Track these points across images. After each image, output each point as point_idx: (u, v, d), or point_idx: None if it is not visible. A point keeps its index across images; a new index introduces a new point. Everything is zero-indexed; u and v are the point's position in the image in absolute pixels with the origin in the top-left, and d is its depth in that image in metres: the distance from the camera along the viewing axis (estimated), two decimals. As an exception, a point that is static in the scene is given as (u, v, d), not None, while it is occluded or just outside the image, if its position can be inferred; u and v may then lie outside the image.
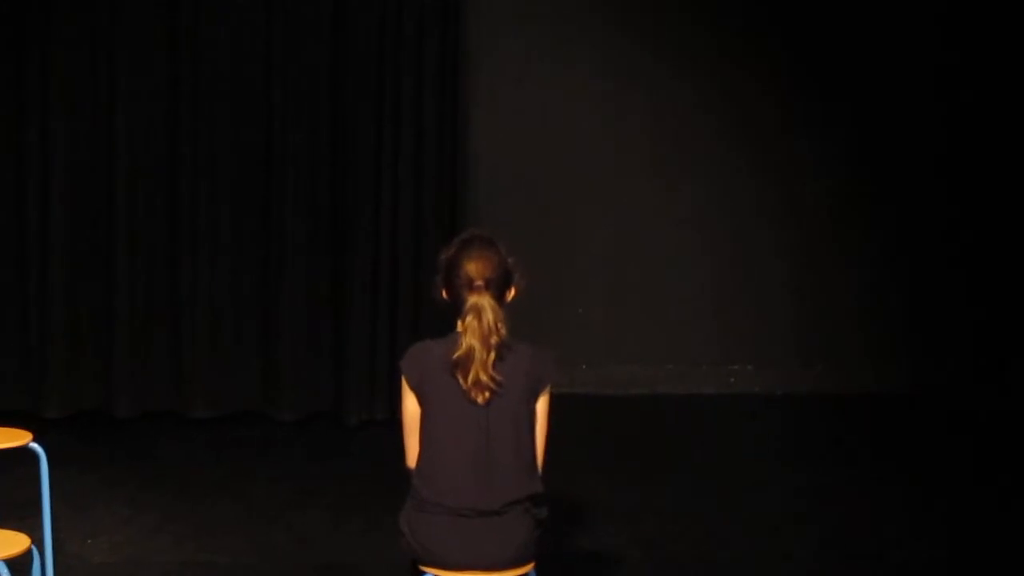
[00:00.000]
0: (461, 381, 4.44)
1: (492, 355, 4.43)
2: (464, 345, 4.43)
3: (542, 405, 4.54)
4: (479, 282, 4.47)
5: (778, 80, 9.83)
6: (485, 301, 4.46)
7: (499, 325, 4.45)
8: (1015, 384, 9.53)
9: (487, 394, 4.43)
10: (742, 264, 9.89)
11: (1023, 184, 9.77)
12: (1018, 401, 9.37)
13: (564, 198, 9.67)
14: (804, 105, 9.87)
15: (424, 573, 4.51)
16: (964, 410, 9.49)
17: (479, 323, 4.43)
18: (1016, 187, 9.78)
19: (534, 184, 9.62)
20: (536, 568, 4.60)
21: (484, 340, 4.42)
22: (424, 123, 8.95)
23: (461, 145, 9.18)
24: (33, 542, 4.99)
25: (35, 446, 5.65)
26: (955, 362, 9.86)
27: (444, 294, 4.58)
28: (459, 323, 4.50)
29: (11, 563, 4.78)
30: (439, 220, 8.98)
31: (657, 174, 9.79)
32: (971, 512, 7.40)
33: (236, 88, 8.87)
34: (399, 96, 8.92)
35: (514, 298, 4.61)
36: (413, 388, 4.53)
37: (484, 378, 4.42)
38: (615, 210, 9.75)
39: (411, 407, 4.55)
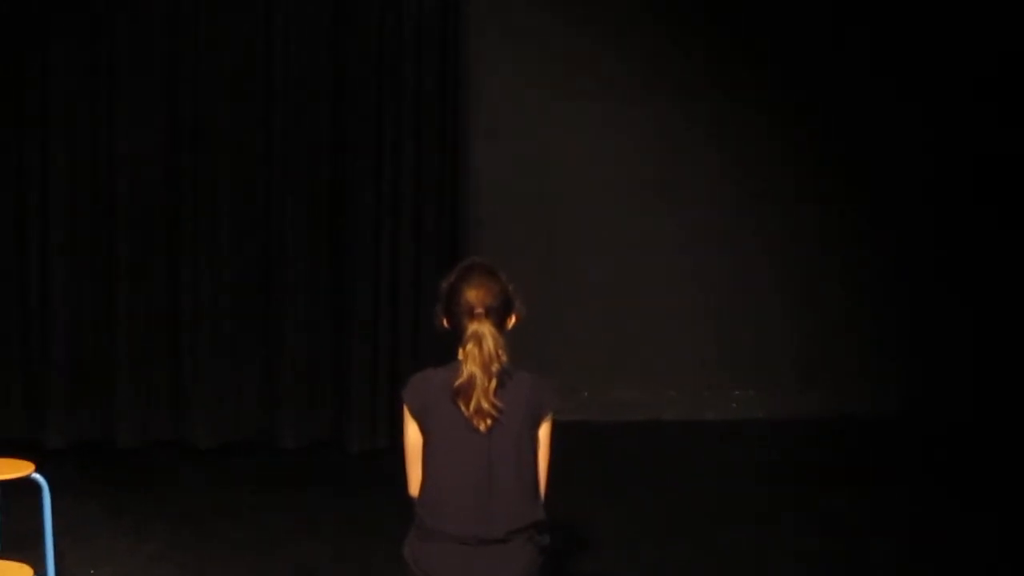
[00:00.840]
0: (463, 408, 4.44)
1: (493, 382, 4.43)
2: (465, 373, 4.44)
3: (544, 432, 4.54)
4: (479, 309, 4.48)
5: (778, 105, 9.84)
6: (485, 328, 4.46)
7: (500, 352, 4.46)
8: (1016, 403, 9.53)
9: (488, 421, 4.44)
10: (743, 289, 9.88)
11: (1019, 202, 9.81)
12: (1019, 420, 9.37)
13: (564, 223, 9.66)
14: (802, 129, 9.88)
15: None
16: (966, 431, 9.48)
17: (480, 351, 4.44)
18: (1013, 206, 9.81)
19: (534, 209, 9.61)
20: (539, 595, 4.59)
21: (485, 367, 4.43)
22: (423, 150, 8.96)
23: (461, 173, 9.20)
24: (36, 573, 4.98)
25: (37, 476, 5.64)
26: (956, 383, 9.86)
27: (444, 322, 4.58)
28: (460, 351, 4.50)
29: (14, 594, 4.78)
30: (439, 247, 8.99)
31: (658, 198, 9.79)
32: (974, 535, 7.39)
33: (235, 117, 8.88)
34: (399, 122, 8.93)
35: (514, 325, 4.62)
36: (415, 416, 4.53)
37: (485, 405, 4.42)
38: (615, 235, 9.75)
39: (413, 435, 4.55)
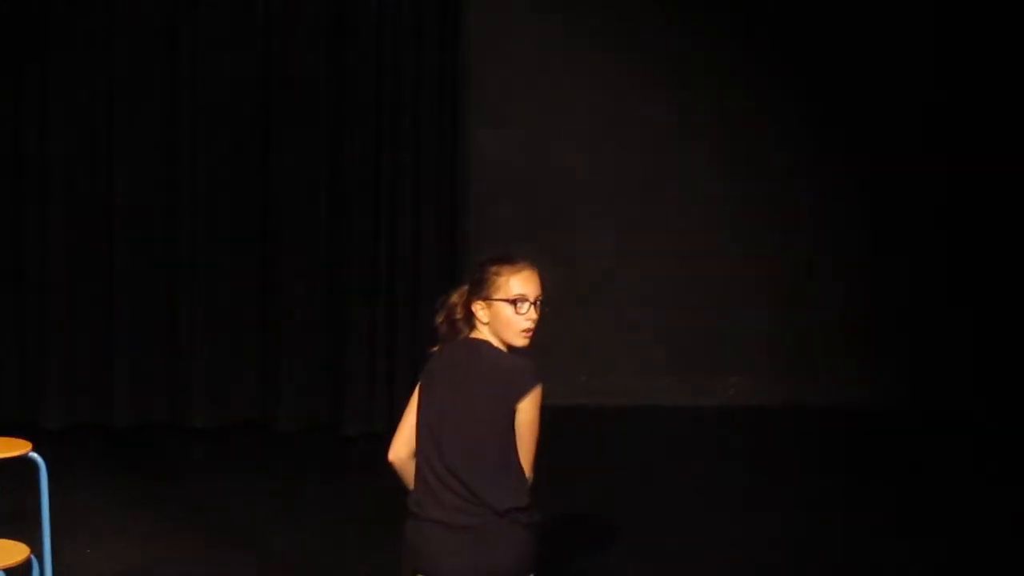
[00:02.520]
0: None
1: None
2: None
3: (522, 415, 4.39)
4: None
5: (777, 96, 9.86)
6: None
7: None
8: (1016, 398, 9.57)
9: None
10: (741, 277, 9.90)
11: (1015, 193, 9.83)
12: (1018, 414, 9.40)
13: (563, 212, 9.68)
14: (801, 119, 9.90)
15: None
16: (964, 420, 9.51)
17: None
18: (1008, 196, 9.84)
19: (534, 198, 9.63)
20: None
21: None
22: (423, 139, 8.96)
23: (460, 163, 9.20)
24: (32, 552, 4.98)
25: (35, 455, 5.64)
26: (953, 375, 9.88)
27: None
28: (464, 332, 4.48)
29: (10, 572, 4.77)
30: (437, 234, 8.99)
31: (656, 187, 9.81)
32: (973, 525, 7.42)
33: (235, 106, 8.88)
34: (398, 111, 8.93)
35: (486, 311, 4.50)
36: (419, 386, 4.51)
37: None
38: (613, 222, 9.77)
39: (413, 398, 4.51)
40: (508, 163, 9.59)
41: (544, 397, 4.40)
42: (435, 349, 4.55)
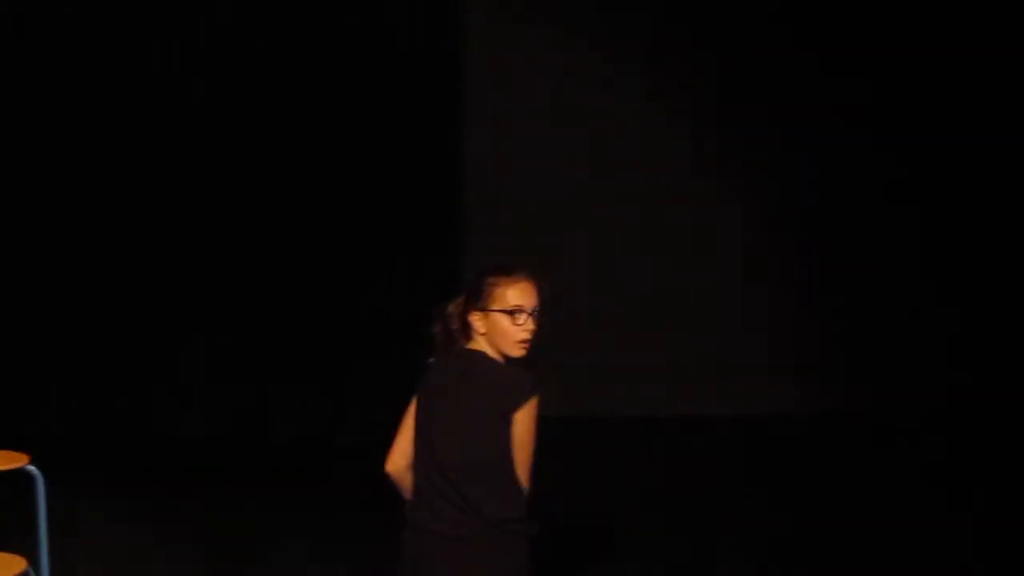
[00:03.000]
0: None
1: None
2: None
3: (519, 425, 4.37)
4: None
5: (778, 102, 9.87)
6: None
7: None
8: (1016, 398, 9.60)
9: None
10: (741, 287, 9.92)
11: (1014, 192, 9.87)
12: (1018, 414, 9.44)
13: (563, 220, 9.68)
14: (799, 125, 9.91)
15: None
16: (964, 420, 9.52)
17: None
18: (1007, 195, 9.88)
19: (533, 205, 9.63)
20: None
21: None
22: (423, 140, 8.98)
23: (460, 162, 9.21)
24: (29, 564, 4.97)
25: (32, 468, 5.64)
26: (951, 374, 9.91)
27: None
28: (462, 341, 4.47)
29: (7, 585, 4.77)
30: (436, 242, 9.00)
31: (654, 196, 9.82)
32: (972, 525, 7.41)
33: (234, 111, 8.89)
34: (398, 110, 8.95)
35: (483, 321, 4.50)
36: (416, 396, 4.50)
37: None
38: (614, 230, 9.78)
39: (410, 409, 4.51)
40: (508, 166, 9.59)
41: (541, 407, 4.40)
42: (432, 360, 4.55)
